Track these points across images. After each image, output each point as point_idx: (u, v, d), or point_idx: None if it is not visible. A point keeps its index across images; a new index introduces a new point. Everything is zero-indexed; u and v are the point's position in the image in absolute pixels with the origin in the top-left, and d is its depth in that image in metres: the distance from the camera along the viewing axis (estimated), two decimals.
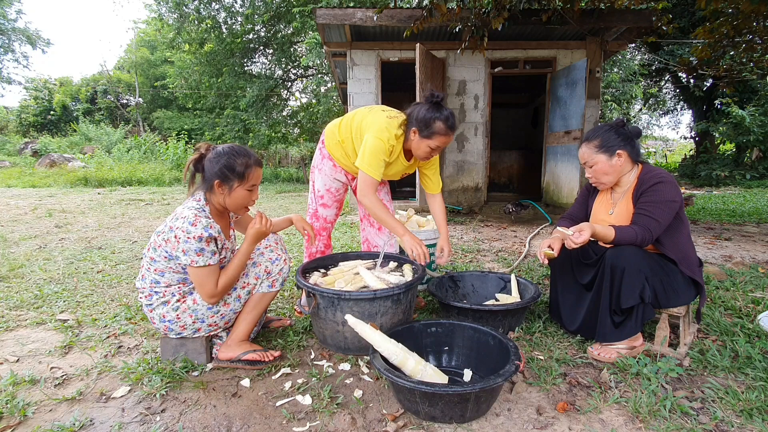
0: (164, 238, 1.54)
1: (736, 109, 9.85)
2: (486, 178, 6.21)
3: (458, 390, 1.24)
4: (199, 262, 1.51)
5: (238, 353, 1.68)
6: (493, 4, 4.21)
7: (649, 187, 1.67)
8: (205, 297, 1.57)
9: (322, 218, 2.26)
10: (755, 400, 1.39)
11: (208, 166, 1.57)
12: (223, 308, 1.67)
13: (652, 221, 1.62)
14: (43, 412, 1.41)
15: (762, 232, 4.44)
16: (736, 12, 4.36)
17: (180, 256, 1.52)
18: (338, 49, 5.83)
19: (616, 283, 1.63)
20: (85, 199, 7.45)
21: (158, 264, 1.58)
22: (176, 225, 1.52)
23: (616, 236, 1.62)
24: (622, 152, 1.71)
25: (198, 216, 1.51)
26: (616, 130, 1.73)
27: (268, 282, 1.73)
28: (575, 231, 1.60)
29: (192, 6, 11.60)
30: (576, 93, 5.31)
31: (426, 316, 2.23)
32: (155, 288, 1.61)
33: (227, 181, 1.56)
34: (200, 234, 1.49)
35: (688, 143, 18.45)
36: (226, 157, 1.56)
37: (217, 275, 1.57)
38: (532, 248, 3.80)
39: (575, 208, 1.99)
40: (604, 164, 1.73)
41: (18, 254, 3.51)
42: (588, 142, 1.77)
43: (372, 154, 1.88)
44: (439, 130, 1.86)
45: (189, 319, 1.63)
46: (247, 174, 1.57)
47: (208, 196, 1.61)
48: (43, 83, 22.91)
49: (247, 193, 1.60)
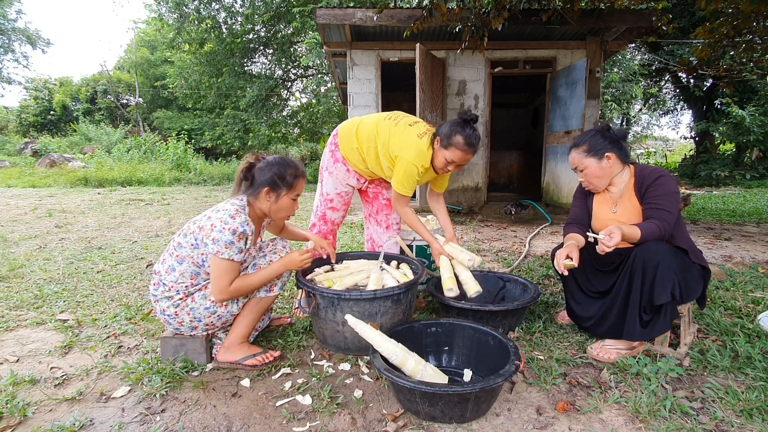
0: (199, 225, 1.59)
1: (736, 109, 9.85)
2: (486, 178, 6.21)
3: (458, 390, 1.24)
4: (225, 255, 1.53)
5: (238, 357, 1.67)
6: (493, 4, 4.20)
7: (653, 181, 1.70)
8: (215, 292, 1.58)
9: (329, 221, 2.27)
10: (755, 400, 1.39)
11: (259, 175, 1.63)
12: (221, 309, 1.67)
13: (668, 213, 1.63)
14: (43, 412, 1.41)
15: (762, 232, 4.44)
16: (736, 12, 4.36)
17: (208, 244, 1.54)
18: (338, 49, 5.83)
19: (648, 280, 1.60)
20: (85, 199, 7.45)
21: (182, 250, 1.61)
22: (215, 215, 1.57)
23: (643, 234, 1.61)
24: (611, 155, 1.75)
25: (239, 212, 1.57)
26: (602, 134, 1.78)
27: (266, 286, 1.73)
28: (606, 234, 1.57)
29: (192, 6, 11.60)
30: (576, 93, 5.31)
31: (426, 316, 2.23)
32: (165, 279, 1.62)
33: (276, 189, 1.63)
34: (236, 227, 1.52)
35: (688, 143, 18.46)
36: (278, 166, 1.63)
37: (235, 275, 1.60)
38: (532, 248, 3.80)
39: (578, 211, 1.97)
40: (594, 168, 1.77)
41: (18, 254, 3.51)
42: (577, 147, 1.81)
43: (407, 178, 1.99)
44: (457, 144, 1.89)
45: (187, 317, 1.63)
46: (295, 184, 1.66)
47: (252, 201, 1.65)
48: (43, 83, 22.90)
49: (292, 202, 1.68)
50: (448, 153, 1.93)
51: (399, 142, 1.98)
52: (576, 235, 1.84)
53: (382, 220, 2.33)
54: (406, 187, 2.00)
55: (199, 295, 1.64)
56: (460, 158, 1.92)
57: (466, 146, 1.89)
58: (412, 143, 1.96)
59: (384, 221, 2.33)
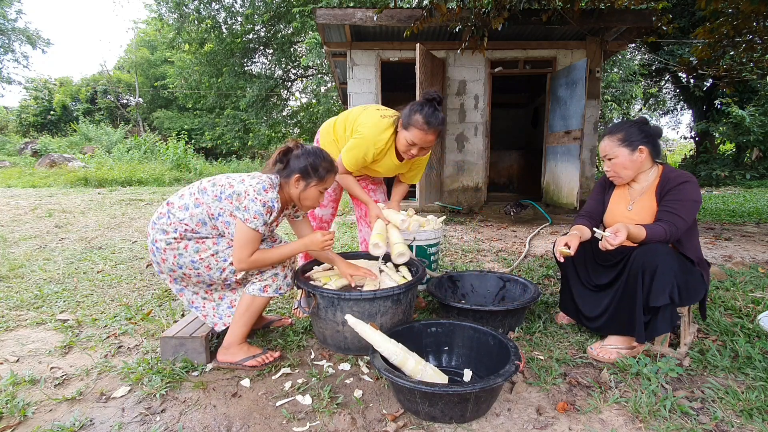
0: (230, 183, 1.61)
1: (736, 109, 9.85)
2: (486, 178, 6.21)
3: (458, 390, 1.24)
4: (252, 224, 1.55)
5: (238, 358, 1.67)
6: (493, 4, 4.20)
7: (676, 185, 1.68)
8: (235, 260, 1.59)
9: (318, 218, 2.29)
10: (755, 400, 1.39)
11: (294, 161, 1.65)
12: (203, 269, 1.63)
13: (679, 219, 1.62)
14: (43, 412, 1.41)
15: (762, 232, 4.44)
16: (736, 12, 4.36)
17: (240, 209, 1.55)
18: (338, 49, 5.83)
19: (647, 282, 1.61)
20: (85, 199, 7.45)
21: (205, 196, 1.61)
22: (250, 182, 1.58)
23: (648, 235, 1.61)
24: (644, 148, 1.72)
25: (272, 186, 1.60)
26: (639, 127, 1.74)
27: (260, 285, 1.70)
28: (612, 232, 1.57)
29: (192, 6, 11.61)
30: (576, 93, 5.31)
31: (426, 316, 2.23)
32: (174, 212, 1.62)
33: (307, 178, 1.65)
34: (266, 200, 1.55)
35: (688, 143, 18.45)
36: (314, 157, 1.66)
37: (256, 246, 1.61)
38: (532, 248, 3.80)
39: (592, 205, 1.95)
40: (625, 158, 1.73)
41: (18, 254, 3.51)
42: (611, 135, 1.77)
43: (354, 148, 1.96)
44: (416, 123, 1.84)
45: (171, 258, 1.62)
46: (326, 178, 1.67)
47: (283, 183, 1.67)
48: (43, 83, 22.89)
49: (319, 193, 1.70)
50: (408, 134, 1.87)
51: (362, 121, 2.00)
52: (582, 227, 1.84)
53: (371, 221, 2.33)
54: (350, 159, 1.99)
55: (192, 245, 1.62)
56: (420, 139, 1.86)
57: (424, 125, 1.82)
58: (372, 121, 1.96)
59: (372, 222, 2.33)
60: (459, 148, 6.08)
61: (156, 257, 1.65)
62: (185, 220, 1.61)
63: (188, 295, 1.76)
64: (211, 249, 1.63)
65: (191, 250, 1.62)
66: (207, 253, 1.62)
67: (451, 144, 6.07)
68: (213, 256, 1.63)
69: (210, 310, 1.77)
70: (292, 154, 1.67)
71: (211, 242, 1.63)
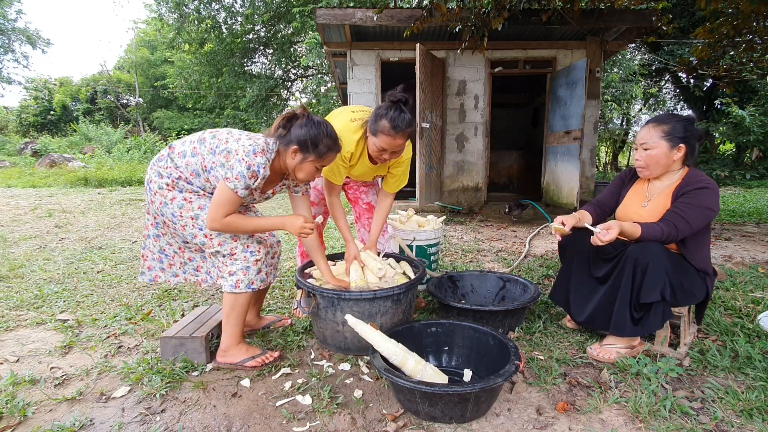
0: (228, 138, 1.58)
1: (736, 109, 9.85)
2: (486, 178, 6.21)
3: (458, 390, 1.24)
4: (231, 184, 1.50)
5: (238, 360, 1.67)
6: (493, 4, 4.21)
7: (693, 189, 1.63)
8: (209, 218, 1.55)
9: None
10: (755, 400, 1.39)
11: (296, 129, 1.57)
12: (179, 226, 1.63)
13: (683, 222, 1.60)
14: (43, 412, 1.41)
15: (762, 232, 4.44)
16: (736, 12, 4.36)
17: (225, 165, 1.53)
18: (338, 49, 5.83)
19: (638, 278, 1.61)
20: (85, 199, 7.45)
21: (203, 147, 1.59)
22: (245, 142, 1.53)
23: (643, 234, 1.60)
24: (683, 147, 1.66)
25: (264, 152, 1.53)
26: (685, 125, 1.67)
27: (231, 280, 1.65)
28: (603, 229, 1.57)
29: (192, 6, 11.60)
30: (576, 93, 5.31)
31: (426, 316, 2.23)
32: (173, 157, 1.62)
33: (304, 151, 1.57)
34: (253, 164, 1.49)
35: None
36: (317, 131, 1.56)
37: (233, 209, 1.55)
38: (532, 248, 3.80)
39: (606, 196, 1.93)
40: (662, 152, 1.67)
41: (18, 254, 3.51)
42: (657, 124, 1.69)
43: None
44: (383, 129, 1.74)
45: (158, 203, 1.62)
46: (325, 156, 1.59)
47: (281, 150, 1.60)
48: (43, 83, 22.91)
49: (315, 170, 1.63)
50: (377, 140, 1.78)
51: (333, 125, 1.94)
52: (585, 213, 1.84)
53: (366, 224, 2.33)
54: (331, 171, 1.94)
55: (179, 199, 1.61)
56: (388, 144, 1.76)
57: (391, 130, 1.72)
58: (340, 124, 1.90)
59: (368, 225, 2.32)
60: (459, 148, 6.08)
61: (147, 196, 1.66)
62: (180, 168, 1.60)
63: (162, 242, 1.77)
64: (193, 212, 1.61)
65: (176, 204, 1.61)
66: (188, 213, 1.61)
67: (451, 144, 6.07)
68: (192, 219, 1.62)
69: (177, 263, 1.81)
70: (295, 122, 1.59)
71: (196, 205, 1.61)
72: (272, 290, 2.64)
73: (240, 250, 1.66)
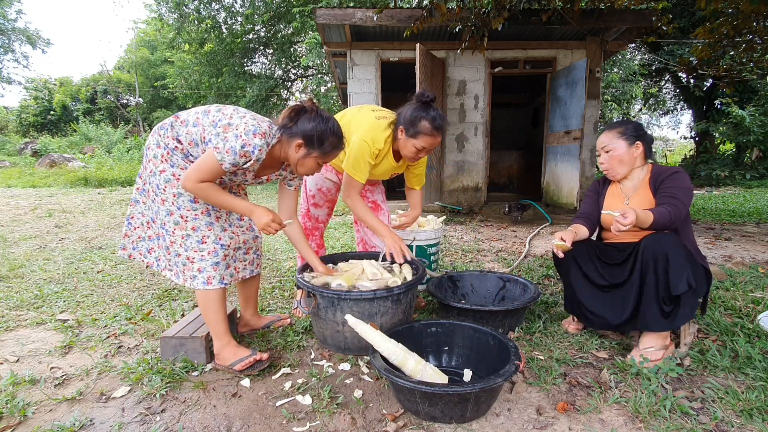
0: (232, 114, 1.53)
1: (736, 109, 9.85)
2: (486, 178, 6.21)
3: (458, 390, 1.24)
4: (219, 155, 1.46)
5: (228, 363, 1.65)
6: (493, 4, 4.21)
7: (669, 175, 1.75)
8: (185, 176, 1.50)
9: (314, 218, 2.27)
10: (755, 400, 1.39)
11: (303, 123, 1.54)
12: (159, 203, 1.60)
13: (680, 202, 1.64)
14: (43, 412, 1.41)
15: (762, 232, 4.44)
16: (736, 12, 4.36)
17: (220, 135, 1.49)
18: (338, 49, 5.83)
19: (662, 271, 1.59)
20: (85, 199, 7.45)
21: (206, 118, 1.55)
22: (249, 120, 1.50)
23: (655, 218, 1.59)
24: (641, 144, 1.80)
25: (265, 135, 1.49)
26: (635, 125, 1.85)
27: (202, 277, 1.62)
28: (621, 214, 1.55)
29: (192, 6, 11.60)
30: (576, 93, 5.31)
31: (426, 316, 2.23)
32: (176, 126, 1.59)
33: (309, 147, 1.55)
34: (248, 144, 1.45)
35: (688, 143, 18.45)
36: (324, 127, 1.54)
37: (211, 177, 1.51)
38: (532, 248, 3.80)
39: (589, 208, 1.96)
40: (622, 151, 1.80)
41: (18, 254, 3.51)
42: (611, 128, 1.86)
43: (357, 157, 1.90)
44: (425, 130, 1.82)
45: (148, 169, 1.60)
46: (329, 153, 1.59)
47: (285, 140, 1.57)
48: (43, 83, 22.92)
49: (317, 165, 1.61)
50: (417, 141, 1.84)
51: (356, 124, 1.96)
52: (579, 226, 1.86)
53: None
54: (357, 168, 1.91)
55: (169, 171, 1.58)
56: (430, 143, 1.85)
57: (434, 130, 1.82)
58: (367, 122, 1.93)
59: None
60: (459, 148, 6.08)
61: (143, 161, 1.64)
62: (180, 136, 1.57)
63: (135, 209, 1.73)
64: (177, 189, 1.58)
65: (163, 177, 1.58)
66: (172, 189, 1.58)
67: (451, 144, 6.07)
68: (174, 196, 1.58)
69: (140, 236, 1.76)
70: (303, 115, 1.55)
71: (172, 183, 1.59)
72: (272, 290, 2.64)
73: (212, 240, 1.63)
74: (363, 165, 1.91)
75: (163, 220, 1.63)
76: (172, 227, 1.62)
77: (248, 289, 1.97)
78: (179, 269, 1.67)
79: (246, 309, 2.00)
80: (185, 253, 1.64)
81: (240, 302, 2.01)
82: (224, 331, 1.69)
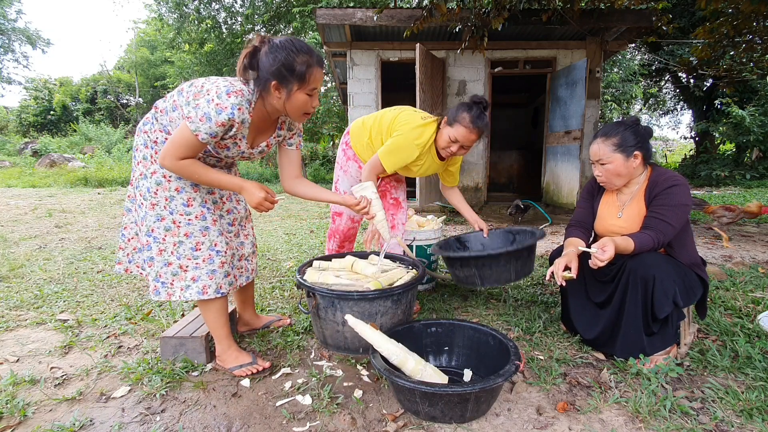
0: (203, 84, 1.38)
1: (736, 109, 9.85)
2: (486, 178, 6.22)
3: (458, 390, 1.24)
4: (192, 125, 1.31)
5: (228, 366, 1.65)
6: (493, 4, 4.21)
7: (664, 189, 1.62)
8: (162, 154, 1.37)
9: (349, 218, 2.27)
10: (755, 400, 1.39)
11: (264, 61, 1.34)
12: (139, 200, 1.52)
13: (668, 226, 1.58)
14: (43, 412, 1.41)
15: (762, 232, 4.44)
16: (736, 12, 4.37)
17: (191, 103, 1.35)
18: (338, 49, 5.83)
19: (649, 293, 1.57)
20: (85, 199, 7.45)
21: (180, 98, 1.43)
22: (219, 84, 1.35)
23: (636, 247, 1.57)
24: (639, 154, 1.65)
25: (239, 93, 1.33)
26: (633, 129, 1.66)
27: (197, 286, 1.54)
28: (599, 248, 1.53)
29: (192, 6, 11.61)
30: (576, 93, 5.31)
31: (426, 316, 2.23)
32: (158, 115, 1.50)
33: (285, 83, 1.35)
34: (225, 106, 1.30)
35: (688, 143, 18.45)
36: (285, 53, 1.32)
37: (192, 153, 1.37)
38: None
39: (582, 214, 1.90)
40: (619, 165, 1.66)
41: (18, 254, 3.51)
42: (606, 138, 1.67)
43: (396, 147, 1.95)
44: (462, 120, 1.88)
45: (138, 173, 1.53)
46: (308, 76, 1.36)
47: (264, 95, 1.39)
48: (43, 83, 22.90)
49: (308, 97, 1.40)
50: (452, 130, 1.91)
51: (401, 121, 2.00)
52: (576, 240, 1.79)
53: (390, 219, 2.33)
54: (390, 155, 1.95)
55: (160, 173, 1.49)
56: (463, 136, 1.89)
57: (470, 123, 1.87)
58: (413, 121, 1.98)
59: (389, 220, 2.33)
60: None
61: (132, 164, 1.58)
62: (166, 127, 1.47)
63: (128, 219, 1.63)
64: (169, 192, 1.48)
65: (154, 179, 1.49)
66: (163, 192, 1.48)
67: None
68: (167, 200, 1.48)
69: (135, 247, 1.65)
70: (260, 53, 1.34)
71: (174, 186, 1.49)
72: (272, 290, 2.64)
73: (206, 246, 1.53)
74: (397, 157, 1.96)
75: (151, 226, 1.51)
76: (162, 234, 1.51)
77: (244, 292, 1.95)
78: (167, 280, 1.54)
79: (244, 311, 2.00)
80: (177, 262, 1.52)
81: (237, 305, 2.00)
82: (225, 335, 1.67)
